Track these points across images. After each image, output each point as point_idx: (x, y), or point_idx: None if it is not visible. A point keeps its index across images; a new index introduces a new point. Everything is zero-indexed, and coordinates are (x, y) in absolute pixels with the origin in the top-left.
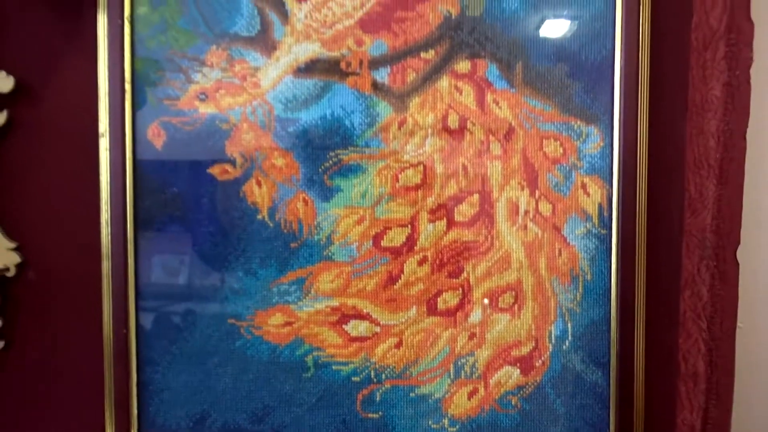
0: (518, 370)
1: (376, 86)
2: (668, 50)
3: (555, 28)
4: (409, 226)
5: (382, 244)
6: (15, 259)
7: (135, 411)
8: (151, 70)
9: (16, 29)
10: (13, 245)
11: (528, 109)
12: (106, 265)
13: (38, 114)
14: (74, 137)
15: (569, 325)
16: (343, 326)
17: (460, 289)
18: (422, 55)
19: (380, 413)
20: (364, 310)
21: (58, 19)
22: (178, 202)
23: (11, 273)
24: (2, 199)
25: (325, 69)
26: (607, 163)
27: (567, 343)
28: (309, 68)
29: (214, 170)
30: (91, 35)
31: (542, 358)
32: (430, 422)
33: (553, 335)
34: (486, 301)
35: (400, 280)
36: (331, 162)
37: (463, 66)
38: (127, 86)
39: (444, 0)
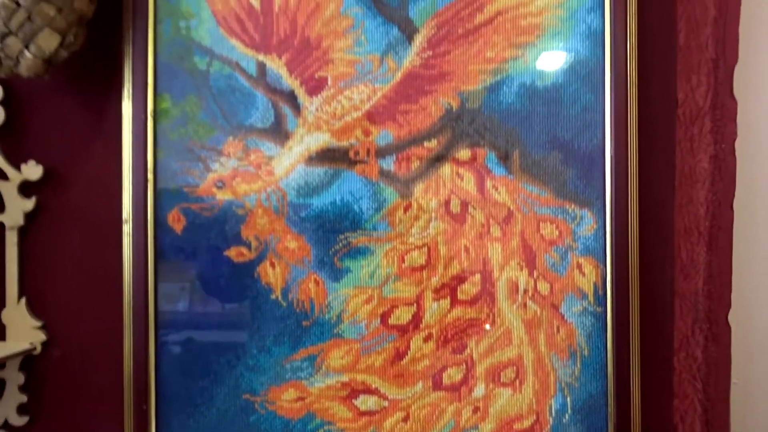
0: None
1: (382, 173)
2: (656, 129)
3: (549, 118)
4: (415, 304)
5: (389, 321)
6: (41, 337)
7: None
8: (173, 160)
9: (45, 120)
10: (39, 324)
11: (525, 194)
12: (127, 344)
13: (65, 200)
14: (98, 223)
15: (568, 398)
16: (353, 401)
17: (464, 364)
18: (425, 144)
19: None
20: (373, 385)
21: (84, 111)
22: (197, 283)
23: (37, 351)
24: (30, 280)
25: (334, 157)
26: (600, 244)
27: (567, 417)
28: (320, 157)
29: (231, 253)
30: (116, 127)
31: (543, 431)
32: None
33: (553, 409)
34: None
35: (406, 357)
36: (340, 245)
37: (463, 154)
38: (150, 175)
39: (445, 93)
